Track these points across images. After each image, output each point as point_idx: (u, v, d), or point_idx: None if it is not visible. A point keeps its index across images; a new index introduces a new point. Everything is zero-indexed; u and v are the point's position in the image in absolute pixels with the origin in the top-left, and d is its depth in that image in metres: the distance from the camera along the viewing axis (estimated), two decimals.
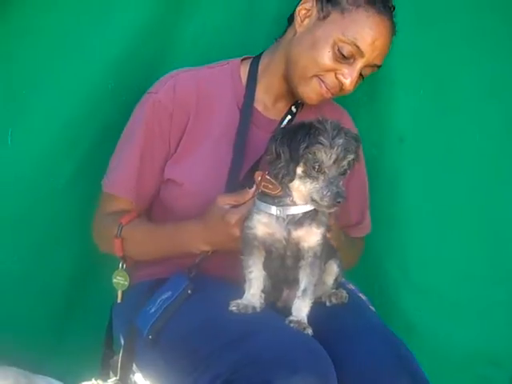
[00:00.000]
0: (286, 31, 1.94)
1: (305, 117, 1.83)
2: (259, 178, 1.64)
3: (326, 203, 1.55)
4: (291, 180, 1.58)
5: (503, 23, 2.22)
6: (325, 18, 1.83)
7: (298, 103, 1.97)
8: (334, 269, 1.77)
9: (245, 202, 1.67)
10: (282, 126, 1.91)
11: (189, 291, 1.72)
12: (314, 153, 1.54)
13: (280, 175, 1.58)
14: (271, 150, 1.60)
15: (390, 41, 1.88)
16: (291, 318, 1.62)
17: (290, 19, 1.93)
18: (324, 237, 1.63)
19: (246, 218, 1.64)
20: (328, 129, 1.56)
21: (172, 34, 2.13)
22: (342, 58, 1.82)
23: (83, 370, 2.16)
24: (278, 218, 1.61)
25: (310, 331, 1.61)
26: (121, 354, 1.81)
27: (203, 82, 1.91)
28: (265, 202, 1.62)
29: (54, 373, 1.91)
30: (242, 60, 1.98)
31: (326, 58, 1.82)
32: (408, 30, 2.15)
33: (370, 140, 2.21)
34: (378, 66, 1.91)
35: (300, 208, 1.60)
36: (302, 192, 1.59)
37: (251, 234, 1.63)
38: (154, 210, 1.97)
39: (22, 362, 1.84)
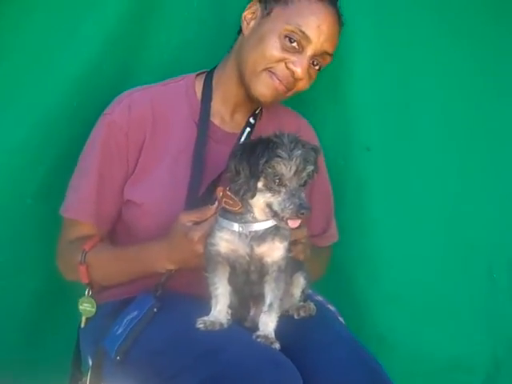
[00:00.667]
0: (236, 42, 1.95)
1: (264, 128, 1.84)
2: (220, 194, 1.64)
3: (288, 215, 1.55)
4: (253, 196, 1.57)
5: (468, 23, 2.23)
6: (269, 14, 1.86)
7: (256, 114, 1.97)
8: (300, 281, 1.77)
9: (207, 219, 1.66)
10: (242, 139, 1.90)
11: (154, 310, 1.71)
12: (274, 166, 1.54)
13: (241, 192, 1.58)
14: (231, 167, 1.60)
15: (337, 29, 1.91)
16: (258, 333, 1.62)
17: (240, 31, 1.94)
18: (288, 250, 1.63)
19: (209, 234, 1.64)
20: (286, 142, 1.56)
21: (137, 51, 2.13)
22: (290, 47, 1.83)
23: None
24: (240, 234, 1.60)
25: (277, 346, 1.60)
26: (89, 376, 1.78)
27: (158, 100, 1.90)
28: (227, 219, 1.62)
29: None
30: (197, 75, 1.98)
31: (274, 48, 1.83)
32: (372, 37, 2.19)
33: (337, 150, 2.23)
34: (330, 55, 1.91)
35: (262, 224, 1.60)
36: (264, 206, 1.58)
37: (214, 250, 1.63)
38: (116, 231, 1.95)
39: None
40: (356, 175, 2.24)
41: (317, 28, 1.83)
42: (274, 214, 1.57)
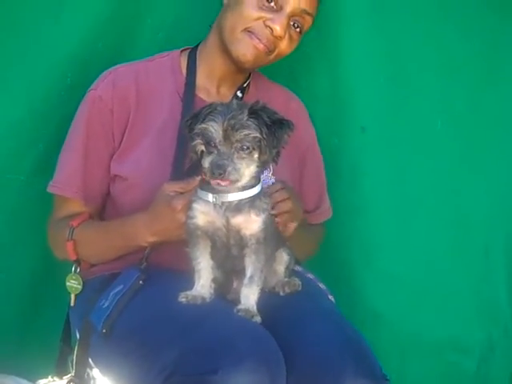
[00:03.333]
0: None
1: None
2: None
3: (207, 175, 1.55)
4: (191, 158, 1.61)
5: (466, 6, 2.20)
6: None
7: (244, 87, 1.97)
8: (283, 257, 1.76)
9: (191, 190, 1.66)
10: None
11: (140, 282, 1.72)
12: (205, 128, 1.54)
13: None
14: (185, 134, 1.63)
15: None
16: (239, 306, 1.62)
17: (221, 4, 1.94)
18: (267, 223, 1.62)
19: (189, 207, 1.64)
20: (229, 107, 1.55)
21: (130, 28, 2.14)
22: (268, 6, 1.83)
23: (43, 367, 2.14)
24: (215, 205, 1.60)
25: (258, 319, 1.60)
26: (76, 350, 1.80)
27: (143, 75, 1.91)
28: (204, 190, 1.61)
29: (14, 370, 1.91)
30: (182, 51, 1.98)
31: (251, 7, 1.83)
32: (367, 16, 2.17)
33: (332, 129, 2.22)
34: (310, 14, 1.90)
35: (236, 195, 1.59)
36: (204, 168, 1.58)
37: (193, 223, 1.63)
38: (106, 210, 1.96)
39: None
40: (350, 154, 2.23)
41: None
42: (204, 174, 1.57)
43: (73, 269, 1.88)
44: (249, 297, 1.62)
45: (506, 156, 2.26)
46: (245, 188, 1.59)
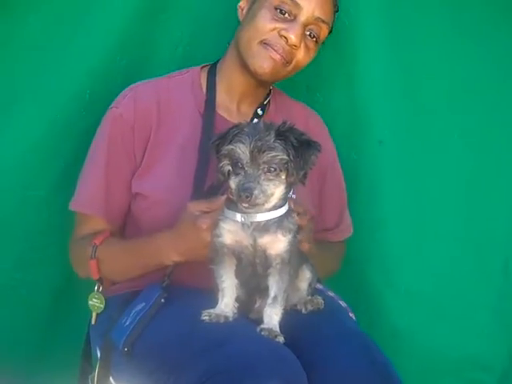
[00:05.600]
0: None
1: (272, 120, 1.79)
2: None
3: (234, 197, 1.55)
4: (218, 180, 1.60)
5: (480, 22, 2.20)
6: None
7: (264, 105, 1.96)
8: (306, 274, 1.75)
9: (216, 209, 1.65)
10: None
11: (162, 300, 1.71)
12: (232, 149, 1.55)
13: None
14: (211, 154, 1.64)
15: None
16: (262, 326, 1.61)
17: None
18: (292, 243, 1.61)
19: (215, 225, 1.63)
20: (256, 128, 1.56)
21: (149, 44, 2.14)
22: (282, 17, 1.84)
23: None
24: (243, 225, 1.60)
25: (281, 339, 1.59)
26: (97, 368, 1.79)
27: (163, 92, 1.91)
28: (231, 209, 1.61)
29: None
30: (202, 68, 1.99)
31: (265, 20, 1.84)
32: (384, 31, 2.17)
33: (350, 144, 2.22)
34: (325, 23, 1.89)
35: (264, 215, 1.59)
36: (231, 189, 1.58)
37: (219, 242, 1.62)
38: (127, 227, 1.95)
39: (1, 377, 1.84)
40: (368, 169, 2.22)
41: None
42: (232, 195, 1.58)
43: (95, 287, 1.87)
44: (272, 317, 1.61)
45: None
46: (273, 208, 1.59)
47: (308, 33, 1.88)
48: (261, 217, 1.59)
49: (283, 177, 1.56)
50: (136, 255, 1.82)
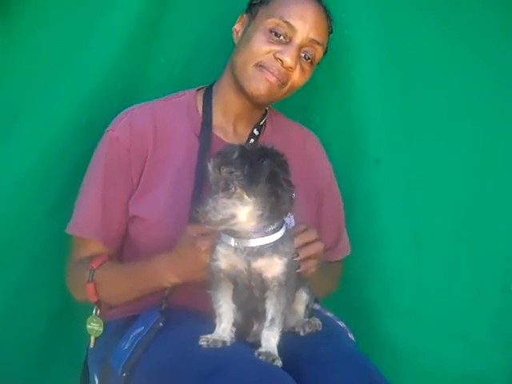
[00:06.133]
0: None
1: (268, 141, 1.80)
2: None
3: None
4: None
5: (477, 34, 2.20)
6: (254, 17, 1.90)
7: (260, 125, 1.97)
8: (303, 297, 1.75)
9: (215, 231, 1.64)
10: None
11: (160, 324, 1.71)
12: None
13: None
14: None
15: (323, 18, 1.91)
16: (260, 349, 1.60)
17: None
18: (289, 266, 1.61)
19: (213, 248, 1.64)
20: (228, 146, 1.56)
21: (145, 69, 2.15)
22: (277, 40, 1.85)
23: None
24: (236, 249, 1.60)
25: (279, 363, 1.58)
26: None
27: (159, 115, 1.92)
28: (226, 233, 1.61)
29: None
30: (198, 90, 2.00)
31: (260, 43, 1.85)
32: (379, 49, 2.18)
33: (346, 163, 2.21)
34: (320, 44, 1.90)
35: (258, 241, 1.59)
36: None
37: (215, 266, 1.62)
38: (125, 250, 1.96)
39: None
40: (366, 188, 2.22)
41: (300, 17, 1.85)
42: None
43: (94, 311, 1.86)
44: (270, 340, 1.61)
45: None
46: (267, 233, 1.59)
47: (303, 55, 1.89)
48: (254, 242, 1.59)
49: (246, 196, 1.53)
50: (134, 278, 1.82)
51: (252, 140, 1.93)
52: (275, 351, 1.60)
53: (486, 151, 2.23)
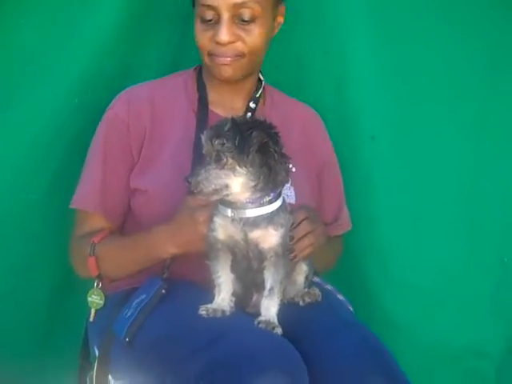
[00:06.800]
0: None
1: (267, 115, 1.82)
2: None
3: None
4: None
5: (471, 13, 2.22)
6: (195, 9, 1.90)
7: (257, 98, 1.98)
8: (303, 268, 1.76)
9: (214, 202, 1.66)
10: None
11: (163, 291, 1.73)
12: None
13: None
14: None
15: None
16: (260, 318, 1.62)
17: None
18: (284, 238, 1.62)
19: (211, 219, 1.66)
20: (222, 123, 1.58)
21: (137, 50, 2.17)
22: (209, 24, 1.85)
23: None
24: (232, 220, 1.62)
25: (279, 330, 1.60)
26: (96, 365, 1.81)
27: (157, 93, 1.95)
28: (223, 205, 1.63)
29: None
30: (195, 69, 2.02)
31: (199, 34, 1.87)
32: (372, 29, 2.19)
33: (342, 140, 2.20)
34: (248, 2, 1.84)
35: (254, 211, 1.60)
36: None
37: (213, 236, 1.64)
38: (127, 225, 1.97)
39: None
40: (362, 164, 2.23)
41: None
42: None
43: (95, 284, 1.88)
44: (269, 308, 1.63)
45: None
46: (262, 204, 1.60)
47: (240, 20, 1.84)
48: (250, 212, 1.60)
49: (238, 167, 1.55)
50: (134, 250, 1.84)
51: (249, 114, 1.95)
52: (275, 319, 1.62)
53: (484, 124, 2.24)
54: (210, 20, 1.85)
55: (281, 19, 1.95)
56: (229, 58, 1.86)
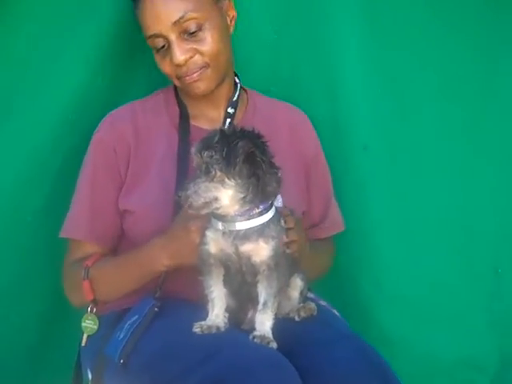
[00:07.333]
0: None
1: (250, 121, 1.83)
2: None
3: None
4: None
5: (463, 21, 2.21)
6: None
7: (234, 102, 1.96)
8: (297, 283, 1.75)
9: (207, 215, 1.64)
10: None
11: (155, 309, 1.72)
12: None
13: None
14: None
15: None
16: (255, 333, 1.60)
17: None
18: (276, 251, 1.60)
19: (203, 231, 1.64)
20: (212, 135, 1.56)
21: (130, 65, 2.15)
22: (162, 52, 1.86)
23: None
24: (223, 233, 1.60)
25: (274, 345, 1.58)
26: None
27: (139, 113, 1.95)
28: (215, 218, 1.61)
29: None
30: (174, 85, 2.00)
31: (160, 63, 1.88)
32: (364, 35, 2.17)
33: (334, 151, 2.18)
34: (185, 16, 1.81)
35: (244, 224, 1.59)
36: None
37: (205, 250, 1.63)
38: (121, 246, 1.95)
39: None
40: (355, 174, 2.21)
41: (151, 19, 1.81)
42: None
43: (89, 309, 1.85)
44: (264, 323, 1.61)
45: None
46: (252, 216, 1.59)
47: (187, 35, 1.83)
48: (240, 225, 1.59)
49: (226, 179, 1.53)
50: (128, 266, 1.82)
51: (228, 119, 1.93)
52: (269, 334, 1.60)
53: (474, 136, 2.24)
54: (163, 46, 1.85)
55: (232, 12, 1.93)
56: (195, 74, 1.86)
